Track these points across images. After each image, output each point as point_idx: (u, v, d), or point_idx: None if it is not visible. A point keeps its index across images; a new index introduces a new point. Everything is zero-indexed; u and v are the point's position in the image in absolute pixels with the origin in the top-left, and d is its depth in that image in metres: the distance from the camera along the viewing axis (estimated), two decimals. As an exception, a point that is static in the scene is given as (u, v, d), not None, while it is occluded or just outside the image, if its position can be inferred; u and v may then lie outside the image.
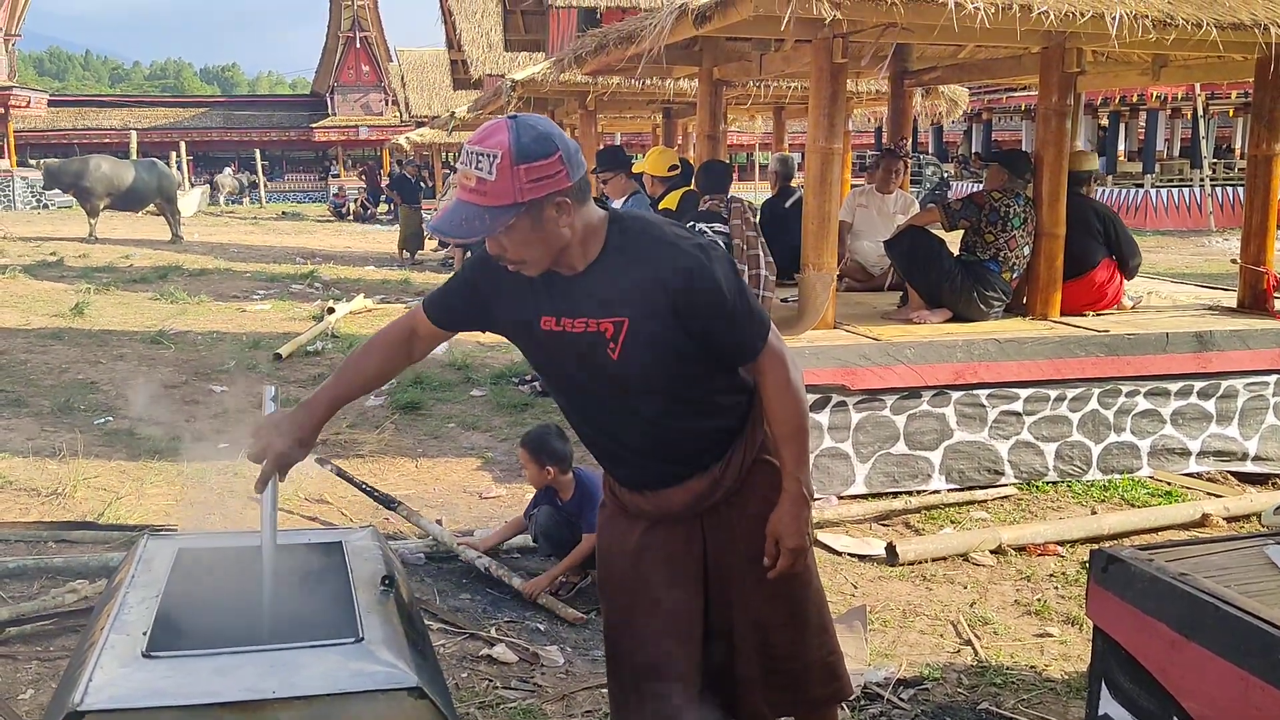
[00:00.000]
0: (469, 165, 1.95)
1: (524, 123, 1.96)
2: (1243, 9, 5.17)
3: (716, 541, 2.29)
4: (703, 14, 4.99)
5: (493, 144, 1.93)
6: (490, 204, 1.93)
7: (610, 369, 2.11)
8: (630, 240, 2.09)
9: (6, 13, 32.16)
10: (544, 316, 2.14)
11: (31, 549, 4.48)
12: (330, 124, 42.23)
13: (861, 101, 10.89)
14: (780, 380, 2.20)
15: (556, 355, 2.18)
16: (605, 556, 2.43)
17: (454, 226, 1.96)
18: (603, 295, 2.08)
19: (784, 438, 2.23)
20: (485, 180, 1.92)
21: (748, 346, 2.17)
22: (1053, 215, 5.79)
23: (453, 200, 2.01)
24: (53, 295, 11.97)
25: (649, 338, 2.08)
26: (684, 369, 2.14)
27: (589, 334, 2.10)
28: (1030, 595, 4.17)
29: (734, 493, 2.27)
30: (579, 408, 2.28)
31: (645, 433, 2.22)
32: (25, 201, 32.23)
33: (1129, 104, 24.38)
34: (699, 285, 2.06)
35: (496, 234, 1.97)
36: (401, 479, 5.66)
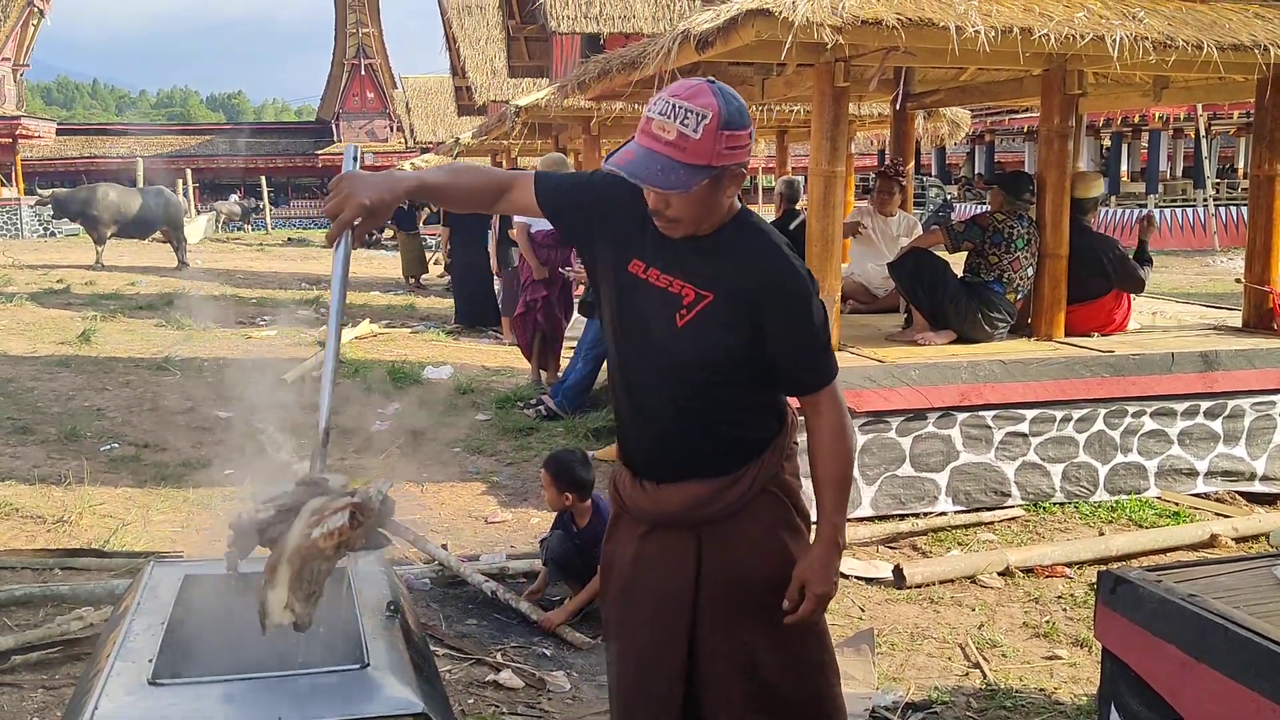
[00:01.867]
0: (672, 118, 1.97)
1: (727, 90, 2.01)
2: (1243, 30, 5.20)
3: (711, 562, 2.24)
4: (705, 39, 5.02)
5: (703, 103, 1.97)
6: (688, 160, 1.97)
7: (669, 333, 2.14)
8: (749, 232, 2.16)
9: (15, 44, 32.46)
10: (635, 259, 2.18)
11: (37, 576, 4.47)
12: (335, 150, 42.41)
13: (864, 124, 10.93)
14: (836, 424, 2.21)
15: (626, 299, 2.20)
16: (606, 565, 2.41)
17: (650, 174, 1.98)
18: (702, 266, 2.12)
19: (828, 480, 2.22)
20: (688, 137, 1.96)
21: (812, 378, 2.20)
22: (1056, 236, 5.79)
23: (637, 147, 2.01)
24: (59, 323, 12.01)
25: (721, 322, 2.11)
26: (734, 368, 2.16)
27: (669, 292, 2.14)
28: (1038, 617, 4.15)
29: (735, 512, 2.23)
30: (624, 356, 2.26)
31: (671, 412, 2.20)
32: (33, 230, 32.40)
33: (1131, 125, 24.44)
34: (793, 298, 2.13)
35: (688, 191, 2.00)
36: (407, 504, 5.65)
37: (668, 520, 2.26)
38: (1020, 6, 5.05)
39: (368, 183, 2.13)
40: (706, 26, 4.96)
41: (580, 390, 7.47)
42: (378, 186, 2.12)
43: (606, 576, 2.41)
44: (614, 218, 2.20)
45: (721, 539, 2.24)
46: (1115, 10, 5.17)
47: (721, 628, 2.24)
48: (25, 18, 32.21)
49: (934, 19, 4.73)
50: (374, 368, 9.08)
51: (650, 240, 2.16)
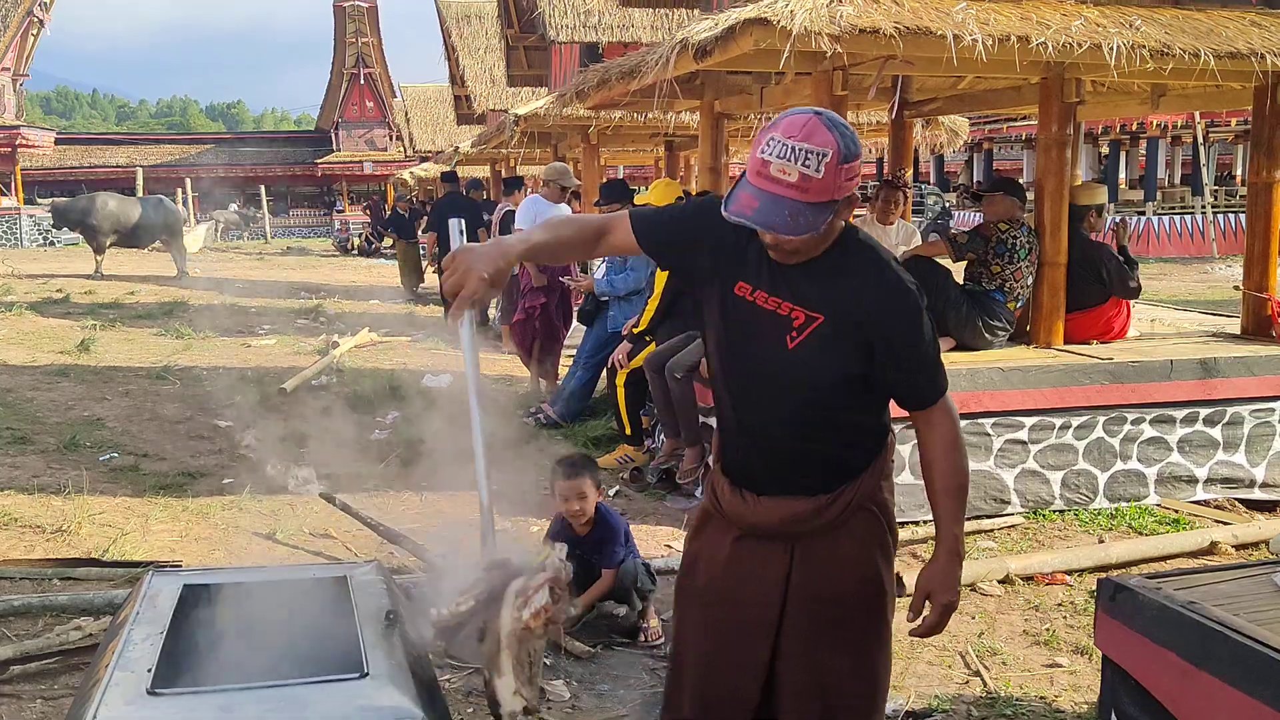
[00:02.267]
0: (793, 161, 1.95)
1: (836, 120, 1.99)
2: (1239, 38, 5.21)
3: (801, 574, 2.25)
4: (703, 48, 5.03)
5: (821, 142, 1.96)
6: (812, 200, 1.97)
7: (779, 355, 2.14)
8: (858, 252, 2.15)
9: (15, 54, 32.50)
10: (741, 283, 2.17)
11: (36, 586, 4.46)
12: (334, 159, 42.49)
13: (863, 132, 10.95)
14: (950, 436, 2.24)
15: (734, 323, 2.20)
16: (692, 562, 2.40)
17: (781, 222, 1.97)
18: (811, 287, 2.12)
19: (946, 491, 2.24)
20: (811, 177, 1.95)
21: (926, 392, 2.22)
22: (1054, 244, 5.80)
23: (758, 192, 1.99)
24: (59, 332, 12.00)
25: (832, 344, 2.12)
26: (843, 388, 2.17)
27: (779, 315, 2.14)
28: (1039, 625, 4.15)
29: (831, 528, 2.24)
30: (731, 378, 2.26)
31: (779, 431, 2.21)
32: (32, 239, 32.42)
33: (1129, 132, 24.49)
34: (906, 316, 2.14)
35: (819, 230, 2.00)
36: (406, 513, 5.65)
37: (765, 531, 2.27)
38: (1017, 15, 5.07)
39: (482, 256, 2.12)
40: (705, 35, 4.98)
41: (580, 398, 7.47)
42: (493, 258, 2.13)
43: (690, 572, 2.40)
44: (715, 244, 2.20)
45: (815, 553, 2.25)
46: (1112, 19, 5.19)
47: (805, 639, 2.25)
48: (25, 28, 32.26)
49: (931, 28, 4.75)
50: (373, 376, 9.08)
51: (756, 262, 2.15)
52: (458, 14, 22.65)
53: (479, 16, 22.19)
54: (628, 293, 7.12)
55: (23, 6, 31.57)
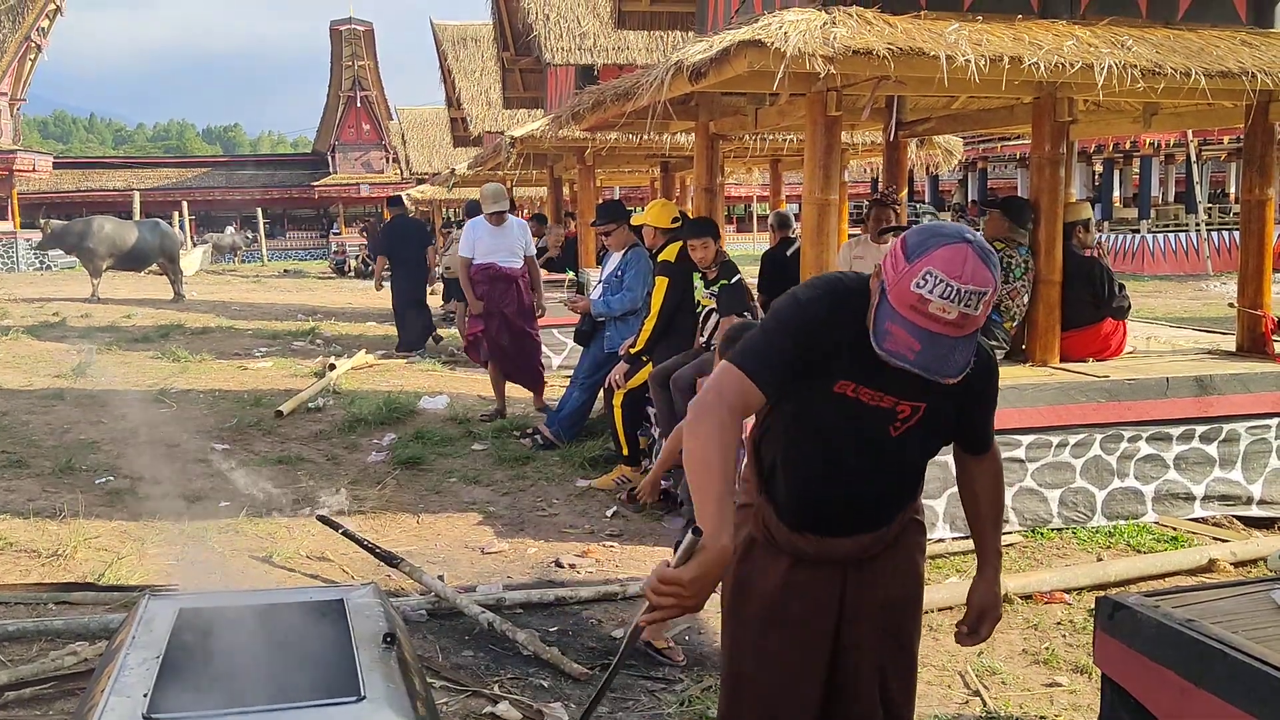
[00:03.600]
0: (957, 302, 1.91)
1: (985, 248, 1.95)
2: (1230, 58, 5.25)
3: (856, 586, 2.32)
4: (698, 70, 5.05)
5: (982, 280, 1.92)
6: (968, 333, 1.96)
7: (882, 443, 2.19)
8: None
9: (12, 78, 32.61)
10: (843, 380, 2.13)
11: (31, 611, 4.45)
12: (331, 182, 42.62)
13: (858, 152, 11.00)
14: (998, 470, 2.43)
15: (837, 419, 2.17)
16: (742, 586, 2.40)
17: (941, 365, 1.95)
18: (911, 379, 2.03)
19: (991, 519, 2.44)
20: (972, 316, 1.93)
21: (989, 439, 2.39)
22: (1049, 262, 5.82)
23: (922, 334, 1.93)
24: (55, 356, 12.00)
25: (934, 423, 2.20)
26: (935, 448, 2.29)
27: (883, 409, 2.16)
28: (1038, 644, 4.14)
29: (887, 547, 2.34)
30: (820, 462, 2.23)
31: (867, 498, 2.27)
32: (29, 263, 32.44)
33: (1123, 151, 24.62)
34: (990, 386, 2.28)
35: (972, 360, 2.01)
36: (403, 535, 5.64)
37: (825, 561, 2.30)
38: (1010, 36, 5.10)
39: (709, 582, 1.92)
40: (700, 57, 5.00)
41: (576, 419, 7.47)
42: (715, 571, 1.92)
43: (742, 596, 2.40)
44: (817, 357, 2.13)
45: (868, 566, 2.33)
46: (1104, 39, 5.22)
47: (865, 647, 2.33)
48: (23, 53, 32.38)
49: (924, 48, 4.78)
50: (369, 398, 9.07)
51: (854, 359, 2.09)
52: (454, 37, 22.74)
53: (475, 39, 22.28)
54: (624, 313, 7.13)
55: (20, 32, 31.69)
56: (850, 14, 4.97)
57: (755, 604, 2.37)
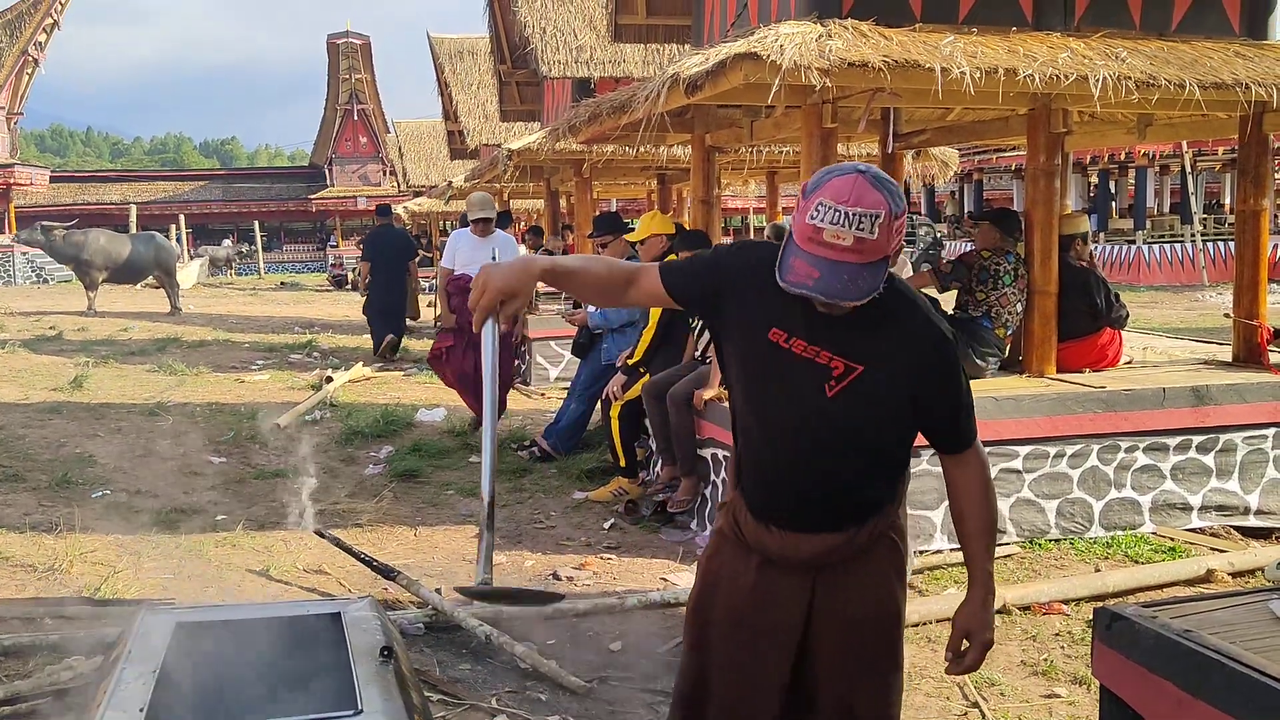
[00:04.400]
0: (847, 226, 1.95)
1: (880, 176, 2.00)
2: (1224, 69, 5.28)
3: (824, 601, 2.28)
4: (694, 83, 5.07)
5: (871, 203, 1.96)
6: (868, 260, 1.97)
7: (816, 403, 2.15)
8: (896, 302, 2.15)
9: (9, 93, 32.67)
10: (775, 329, 2.16)
11: (27, 626, 4.43)
12: (328, 195, 42.68)
13: (852, 164, 11.01)
14: (983, 477, 2.29)
15: (767, 369, 2.20)
16: (710, 584, 2.40)
17: (843, 289, 1.97)
18: (851, 337, 2.12)
19: (979, 531, 2.30)
20: (866, 239, 1.95)
21: (963, 436, 2.26)
22: (1045, 273, 5.83)
23: (815, 260, 1.98)
24: (51, 369, 11.98)
25: (871, 393, 2.14)
26: (880, 434, 2.20)
27: (817, 364, 2.14)
28: (1036, 655, 4.13)
29: (854, 558, 2.28)
30: (763, 424, 2.27)
31: (812, 476, 2.23)
32: (25, 276, 32.43)
33: (1117, 162, 24.70)
34: (945, 364, 2.17)
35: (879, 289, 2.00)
36: (400, 548, 5.63)
37: (793, 562, 2.29)
38: (1004, 48, 5.13)
39: (503, 269, 2.18)
40: (696, 70, 5.02)
41: (574, 431, 7.47)
42: (512, 270, 2.18)
43: (709, 592, 2.40)
44: (747, 291, 2.20)
45: (837, 579, 2.28)
46: (1098, 51, 5.25)
47: (833, 665, 2.29)
48: (20, 67, 32.45)
49: (919, 60, 4.80)
50: (366, 411, 9.07)
51: (792, 309, 2.14)
52: (450, 50, 22.78)
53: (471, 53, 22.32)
54: (621, 325, 7.14)
55: (18, 46, 31.77)
56: (845, 27, 4.99)
57: (721, 606, 2.36)
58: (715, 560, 2.41)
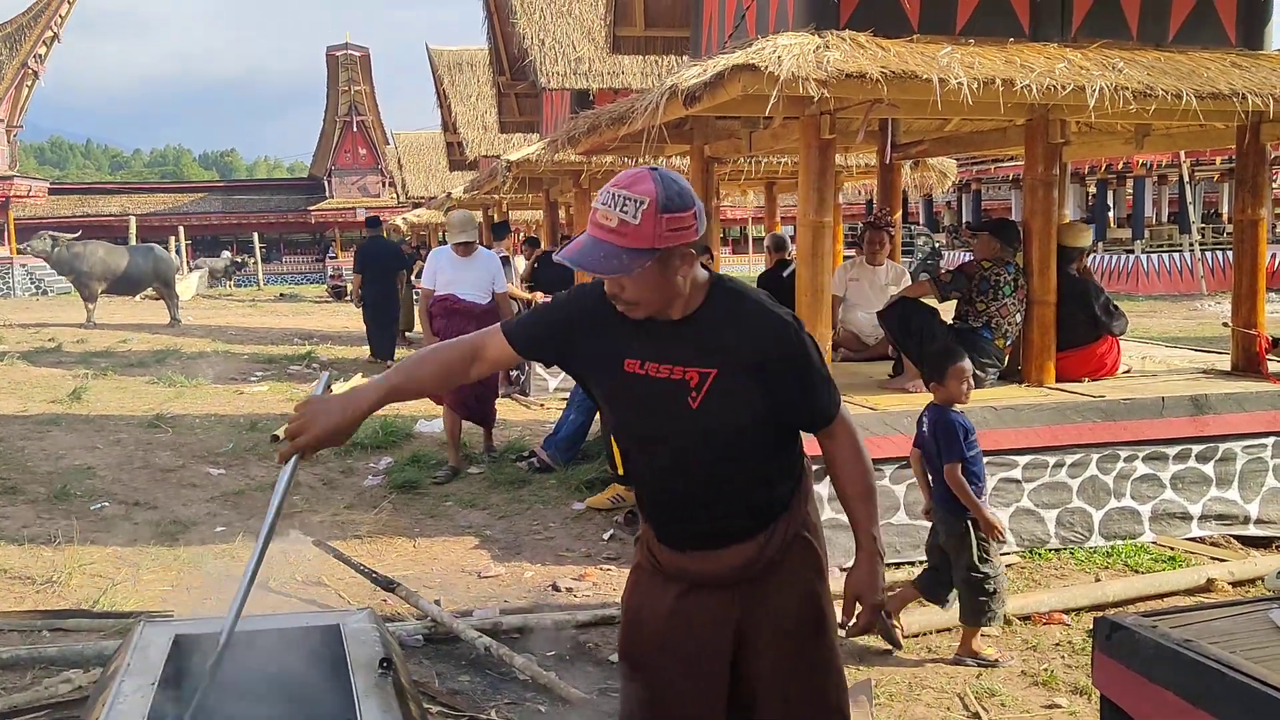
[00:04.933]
0: (613, 207, 2.04)
1: (667, 175, 2.08)
2: (1220, 79, 5.29)
3: (749, 613, 2.30)
4: (693, 94, 5.09)
5: (640, 190, 2.04)
6: (630, 245, 2.04)
7: (686, 417, 2.19)
8: (731, 300, 2.21)
9: (9, 105, 32.72)
10: (628, 359, 2.22)
11: (25, 638, 4.42)
12: (328, 206, 42.75)
13: (852, 175, 11.05)
14: (853, 444, 2.35)
15: (634, 398, 2.24)
16: (635, 617, 2.42)
17: (593, 261, 2.05)
18: (695, 345, 2.18)
19: (857, 497, 2.35)
20: (628, 223, 2.03)
21: (825, 412, 2.30)
22: (1043, 283, 5.84)
23: (586, 237, 2.09)
24: (51, 381, 11.97)
25: (732, 393, 2.17)
26: (755, 431, 2.23)
27: (673, 380, 2.19)
28: (1037, 665, 4.13)
29: (773, 566, 2.30)
30: (643, 453, 2.32)
31: (703, 488, 2.26)
32: (24, 288, 32.44)
33: (1115, 172, 24.74)
34: (791, 351, 2.20)
35: (631, 274, 2.06)
36: (399, 559, 5.62)
37: (713, 581, 2.31)
38: (1002, 59, 5.14)
39: (326, 411, 2.23)
40: (694, 81, 5.03)
41: (573, 442, 7.46)
42: (335, 414, 2.23)
43: (635, 628, 2.42)
44: (592, 328, 2.26)
45: (758, 592, 2.31)
46: (1095, 61, 5.26)
47: (770, 677, 2.31)
48: (20, 79, 32.50)
49: (917, 71, 4.81)
50: (365, 422, 9.05)
51: (636, 337, 2.20)
52: (449, 62, 22.83)
53: (470, 64, 22.37)
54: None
55: (18, 59, 31.83)
56: (843, 38, 5.00)
57: (648, 639, 2.38)
58: (635, 596, 2.44)
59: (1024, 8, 5.66)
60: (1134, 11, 5.83)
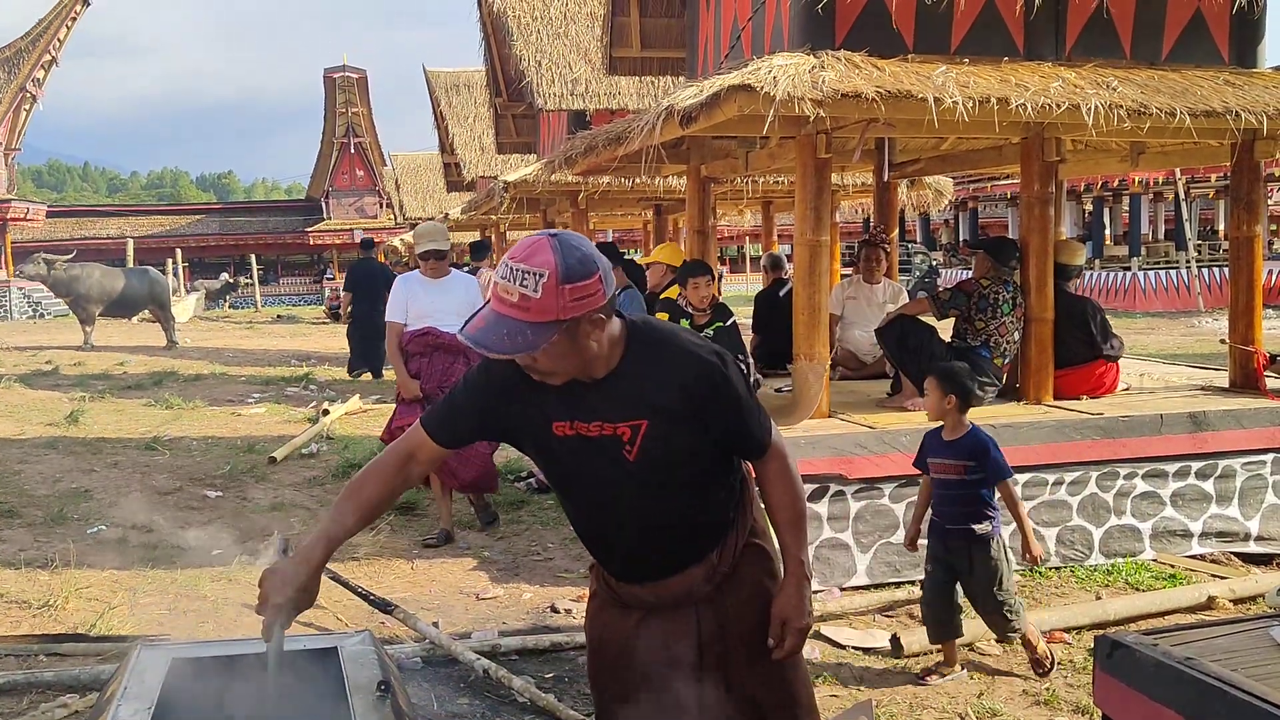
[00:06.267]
0: (513, 281, 1.99)
1: (567, 242, 2.02)
2: (1214, 97, 5.31)
3: (710, 627, 2.31)
4: (689, 115, 5.10)
5: (538, 262, 1.98)
6: (533, 319, 1.98)
7: (626, 469, 2.18)
8: (650, 348, 2.17)
9: (7, 128, 32.80)
10: (556, 422, 2.19)
11: (21, 663, 4.39)
12: (325, 227, 42.77)
13: (849, 194, 11.08)
14: (782, 469, 2.31)
15: (569, 459, 2.23)
16: (597, 647, 2.44)
17: (497, 341, 2.00)
18: (621, 400, 2.15)
19: (787, 523, 2.32)
20: (530, 297, 1.97)
21: (758, 441, 2.28)
22: (1041, 301, 5.85)
23: (489, 312, 2.03)
24: (48, 404, 11.96)
25: (666, 438, 2.16)
26: (695, 466, 2.22)
27: (605, 437, 2.17)
28: (1038, 684, 4.11)
29: (727, 577, 2.31)
30: (586, 506, 2.32)
31: (649, 528, 2.26)
32: (21, 311, 32.43)
33: (1111, 189, 24.84)
34: (717, 388, 2.17)
35: (537, 349, 2.01)
36: (397, 581, 5.59)
37: (670, 604, 2.32)
38: (997, 78, 5.17)
39: (283, 581, 2.18)
40: (690, 102, 5.05)
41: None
42: (289, 585, 2.18)
43: (599, 657, 2.43)
44: (511, 397, 2.22)
45: (716, 604, 2.32)
46: (1089, 80, 5.29)
47: (736, 685, 2.32)
48: (18, 103, 32.59)
49: (912, 91, 4.83)
50: (363, 444, 9.04)
51: (560, 398, 2.17)
52: (446, 83, 22.94)
53: (468, 86, 22.47)
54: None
55: (16, 82, 31.93)
56: (839, 58, 5.03)
57: (610, 661, 2.39)
58: (596, 624, 2.45)
59: (1018, 27, 5.69)
60: (1127, 31, 5.86)
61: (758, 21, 6.23)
